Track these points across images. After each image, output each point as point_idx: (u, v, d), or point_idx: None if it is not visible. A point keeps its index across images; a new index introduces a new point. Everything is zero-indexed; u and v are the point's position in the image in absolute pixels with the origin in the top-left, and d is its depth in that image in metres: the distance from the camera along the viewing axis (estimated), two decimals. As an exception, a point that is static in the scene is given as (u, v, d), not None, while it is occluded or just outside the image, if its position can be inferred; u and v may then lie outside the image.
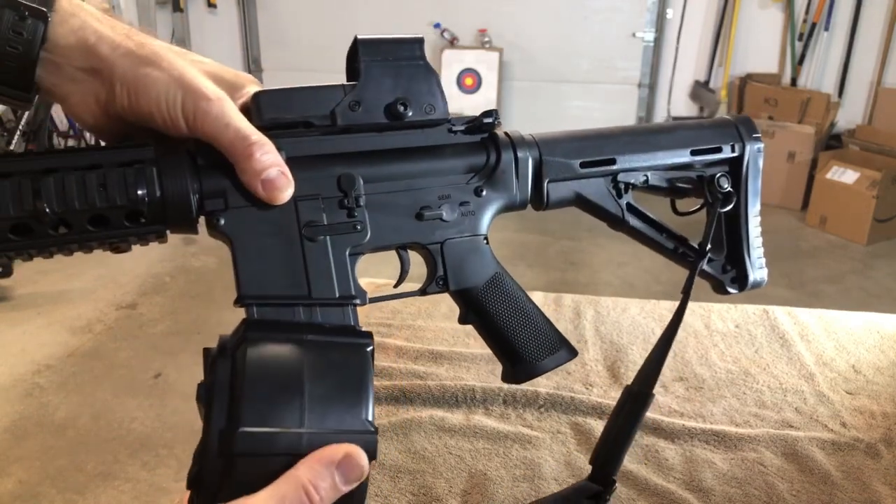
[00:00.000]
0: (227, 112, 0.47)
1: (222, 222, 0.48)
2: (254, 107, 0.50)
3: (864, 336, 1.15)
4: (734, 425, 0.93)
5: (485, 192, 0.58)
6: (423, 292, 0.59)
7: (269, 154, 0.47)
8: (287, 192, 0.48)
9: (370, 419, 0.43)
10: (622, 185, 0.64)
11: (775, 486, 0.82)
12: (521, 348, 0.62)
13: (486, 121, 0.57)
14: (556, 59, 5.01)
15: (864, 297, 3.39)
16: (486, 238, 0.59)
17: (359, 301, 0.51)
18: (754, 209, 0.70)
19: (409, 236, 0.56)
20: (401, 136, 0.55)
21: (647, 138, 0.65)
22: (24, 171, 0.43)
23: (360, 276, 0.53)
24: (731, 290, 0.71)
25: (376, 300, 0.57)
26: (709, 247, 0.67)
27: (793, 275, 3.53)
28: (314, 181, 0.51)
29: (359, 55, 0.52)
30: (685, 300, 0.66)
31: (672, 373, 1.05)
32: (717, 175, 0.67)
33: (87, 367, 2.58)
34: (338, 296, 0.50)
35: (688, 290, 0.67)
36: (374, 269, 0.89)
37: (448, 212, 0.57)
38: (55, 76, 0.47)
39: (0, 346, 2.71)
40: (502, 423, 0.93)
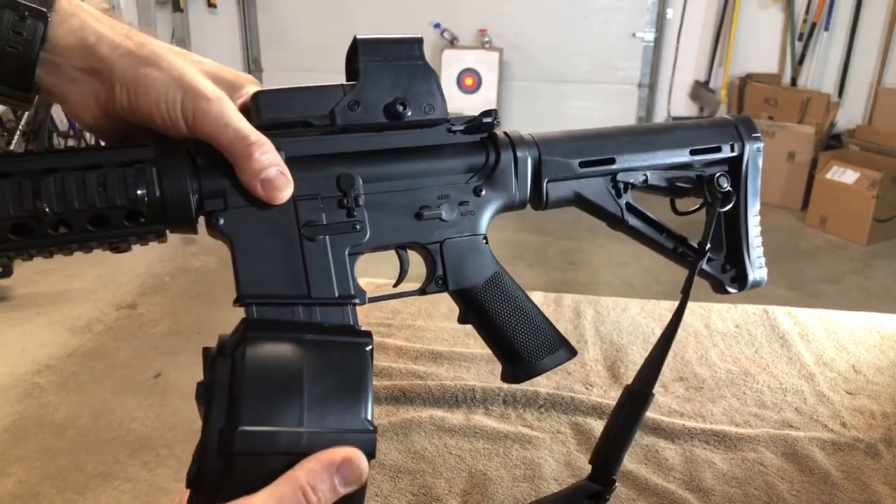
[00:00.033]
0: (226, 112, 0.47)
1: (222, 222, 0.48)
2: (253, 107, 0.50)
3: (864, 336, 1.15)
4: (734, 425, 0.93)
5: (484, 192, 0.58)
6: (422, 292, 0.59)
7: (268, 154, 0.47)
8: (286, 192, 0.48)
9: (369, 418, 0.43)
10: (621, 185, 0.64)
11: (775, 486, 0.82)
12: (521, 348, 0.62)
13: (486, 120, 0.57)
14: (556, 59, 5.01)
15: (864, 297, 3.39)
16: (485, 238, 0.59)
17: (358, 301, 0.51)
18: (754, 209, 0.70)
19: (409, 236, 0.56)
20: (400, 136, 0.55)
21: (646, 138, 0.65)
22: (24, 171, 0.44)
23: (359, 276, 0.53)
24: (730, 289, 0.71)
25: (375, 300, 0.56)
26: (708, 246, 0.67)
27: (793, 275, 3.53)
28: (313, 181, 0.51)
29: (358, 55, 0.53)
30: (685, 300, 0.66)
31: (672, 373, 1.05)
32: (717, 174, 0.67)
33: (87, 367, 2.58)
34: (337, 295, 0.50)
35: (687, 290, 0.67)
36: (373, 269, 0.89)
37: (447, 211, 0.57)
38: (55, 76, 0.47)
39: (0, 346, 2.71)
40: (502, 423, 0.92)
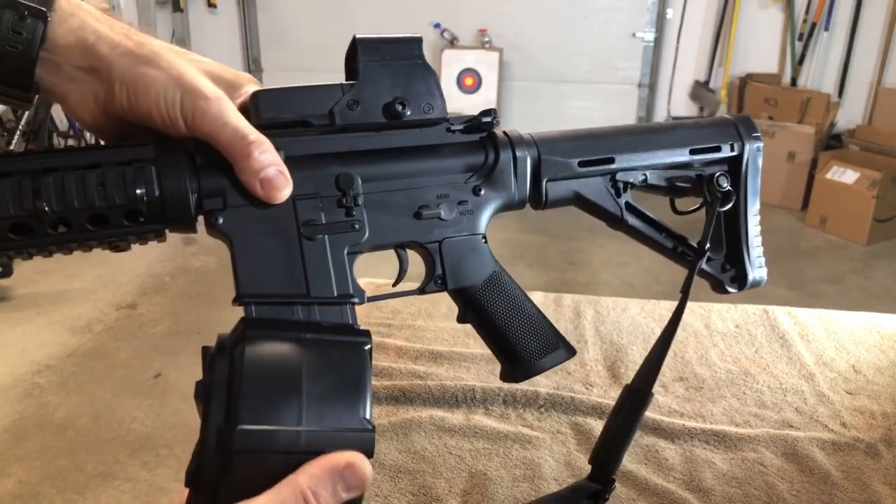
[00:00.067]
0: (225, 111, 0.47)
1: (221, 221, 0.48)
2: (252, 106, 0.50)
3: (864, 336, 1.15)
4: (734, 425, 0.92)
5: (483, 192, 0.58)
6: (421, 291, 0.59)
7: (267, 153, 0.47)
8: (285, 192, 0.48)
9: (368, 417, 0.43)
10: (621, 184, 0.64)
11: (775, 486, 0.82)
12: (520, 347, 0.62)
13: (485, 120, 0.57)
14: (556, 59, 5.01)
15: (864, 297, 3.39)
16: (484, 237, 0.59)
17: (357, 300, 0.51)
18: (754, 208, 0.70)
19: (408, 235, 0.56)
20: (399, 136, 0.55)
21: (645, 137, 0.65)
22: (23, 170, 0.44)
23: (359, 277, 0.53)
24: (730, 289, 0.71)
25: (374, 299, 0.56)
26: (708, 246, 0.67)
27: (793, 275, 3.53)
28: (312, 180, 0.51)
29: (357, 55, 0.53)
30: (684, 299, 0.66)
31: (672, 373, 1.05)
32: (717, 174, 0.67)
33: (87, 367, 2.58)
34: (336, 295, 0.50)
35: (687, 289, 0.67)
36: (373, 270, 0.89)
37: (446, 211, 0.57)
38: (54, 75, 0.47)
39: (0, 346, 2.71)
40: (502, 423, 0.92)
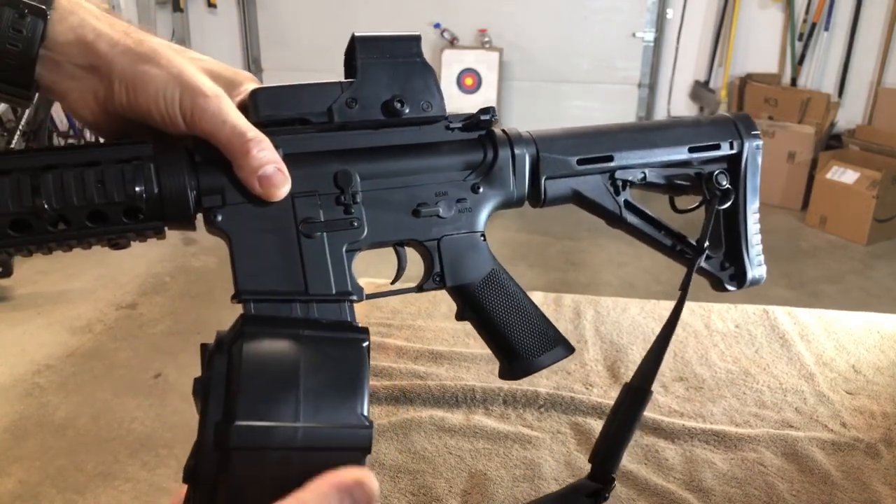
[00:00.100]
0: (224, 109, 0.47)
1: (220, 219, 0.48)
2: (251, 104, 0.50)
3: (864, 336, 1.15)
4: (734, 425, 0.92)
5: (482, 189, 0.58)
6: (420, 289, 0.59)
7: (265, 151, 0.47)
8: (284, 189, 0.48)
9: (365, 414, 0.43)
10: (620, 182, 0.64)
11: (775, 486, 0.82)
12: (518, 345, 0.62)
13: (483, 118, 0.57)
14: (556, 59, 5.01)
15: (864, 297, 3.39)
16: (483, 235, 0.59)
17: (355, 297, 0.51)
18: (753, 206, 0.70)
19: (406, 233, 0.56)
20: (398, 133, 0.55)
21: (644, 135, 0.65)
22: (23, 167, 0.44)
23: (359, 277, 0.53)
24: (729, 287, 0.71)
25: (373, 296, 0.57)
26: (707, 244, 0.67)
27: (793, 275, 3.53)
28: (311, 178, 0.51)
29: (356, 52, 0.53)
30: (683, 296, 0.66)
31: (672, 373, 1.04)
32: (716, 172, 0.67)
33: (87, 367, 2.58)
34: (334, 292, 0.50)
35: (686, 287, 0.67)
36: (373, 269, 0.89)
37: (445, 208, 0.57)
38: (54, 73, 0.47)
39: (0, 346, 2.71)
40: (502, 423, 0.92)
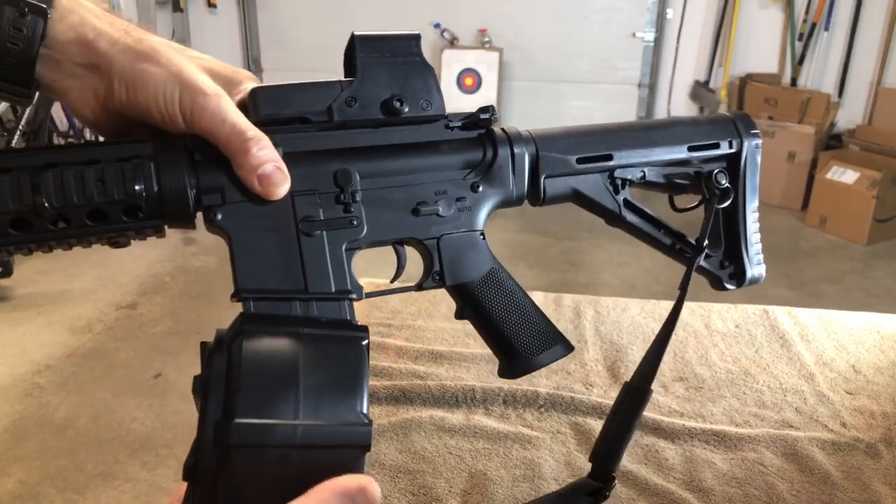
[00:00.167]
0: (223, 108, 0.47)
1: (219, 217, 0.48)
2: (251, 103, 0.50)
3: (864, 336, 1.15)
4: (734, 425, 0.92)
5: (481, 188, 0.58)
6: (419, 287, 0.59)
7: (265, 150, 0.47)
8: (283, 188, 0.48)
9: (364, 411, 0.43)
10: (619, 181, 0.64)
11: (775, 486, 0.82)
12: (517, 343, 0.62)
13: (483, 116, 0.57)
14: (556, 59, 5.01)
15: (864, 297, 3.39)
16: (482, 233, 0.59)
17: (355, 296, 0.51)
18: (752, 205, 0.70)
19: (406, 231, 0.56)
20: (397, 132, 0.55)
21: (644, 134, 0.65)
22: (23, 166, 0.44)
23: (359, 277, 0.53)
24: (728, 285, 0.71)
25: (372, 295, 0.57)
26: (706, 242, 0.67)
27: (793, 275, 3.53)
28: (311, 177, 0.51)
29: (356, 51, 0.53)
30: (682, 295, 0.66)
31: (672, 373, 1.04)
32: (715, 171, 0.67)
33: (87, 367, 2.58)
34: (334, 290, 0.50)
35: (685, 286, 0.67)
36: (373, 269, 0.89)
37: (444, 207, 0.57)
38: (54, 72, 0.47)
39: (0, 346, 2.71)
40: (502, 423, 0.92)
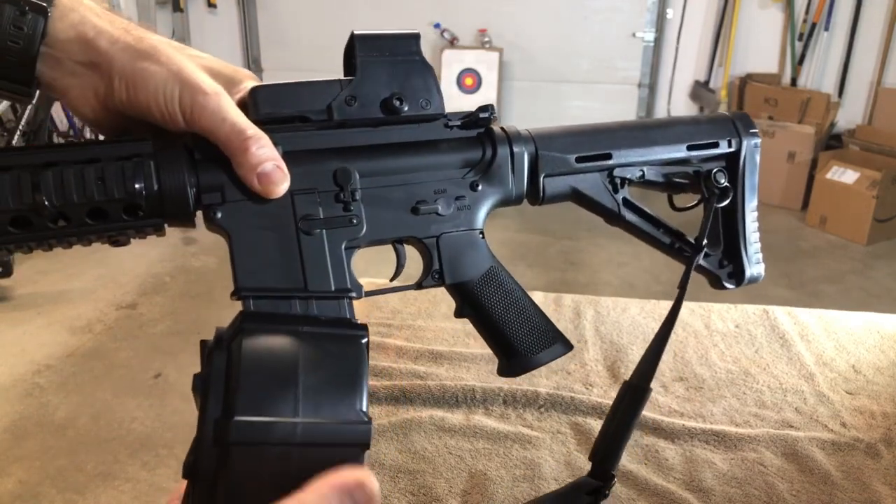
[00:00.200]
0: (223, 106, 0.47)
1: (219, 216, 0.48)
2: (251, 102, 0.50)
3: (864, 336, 1.15)
4: (734, 425, 0.92)
5: (480, 187, 0.58)
6: (418, 286, 0.59)
7: (264, 148, 0.47)
8: (283, 186, 0.48)
9: (364, 409, 0.43)
10: (618, 180, 0.64)
11: (775, 486, 0.82)
12: (517, 342, 0.62)
13: (482, 115, 0.57)
14: (556, 59, 5.01)
15: (864, 297, 3.38)
16: (481, 232, 0.59)
17: (354, 294, 0.51)
18: (751, 204, 0.70)
19: (405, 230, 0.56)
20: (397, 131, 0.55)
21: (643, 133, 0.65)
22: (23, 164, 0.44)
23: (359, 276, 0.53)
24: (727, 285, 0.71)
25: (372, 294, 0.57)
26: (705, 242, 0.67)
27: (793, 275, 3.53)
28: (310, 175, 0.51)
29: (356, 50, 0.53)
30: (681, 294, 0.66)
31: (672, 373, 1.04)
32: (714, 170, 0.67)
33: (87, 367, 2.58)
34: (333, 289, 0.50)
35: (684, 285, 0.67)
36: (373, 269, 0.89)
37: (444, 206, 0.57)
38: (55, 70, 0.47)
39: (0, 346, 2.71)
40: (502, 423, 0.92)
